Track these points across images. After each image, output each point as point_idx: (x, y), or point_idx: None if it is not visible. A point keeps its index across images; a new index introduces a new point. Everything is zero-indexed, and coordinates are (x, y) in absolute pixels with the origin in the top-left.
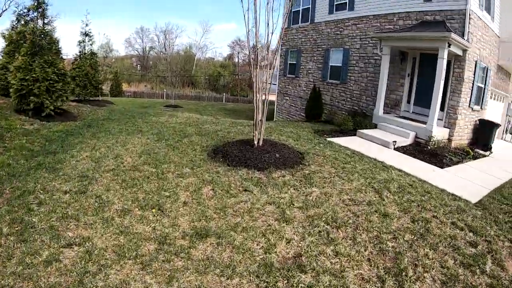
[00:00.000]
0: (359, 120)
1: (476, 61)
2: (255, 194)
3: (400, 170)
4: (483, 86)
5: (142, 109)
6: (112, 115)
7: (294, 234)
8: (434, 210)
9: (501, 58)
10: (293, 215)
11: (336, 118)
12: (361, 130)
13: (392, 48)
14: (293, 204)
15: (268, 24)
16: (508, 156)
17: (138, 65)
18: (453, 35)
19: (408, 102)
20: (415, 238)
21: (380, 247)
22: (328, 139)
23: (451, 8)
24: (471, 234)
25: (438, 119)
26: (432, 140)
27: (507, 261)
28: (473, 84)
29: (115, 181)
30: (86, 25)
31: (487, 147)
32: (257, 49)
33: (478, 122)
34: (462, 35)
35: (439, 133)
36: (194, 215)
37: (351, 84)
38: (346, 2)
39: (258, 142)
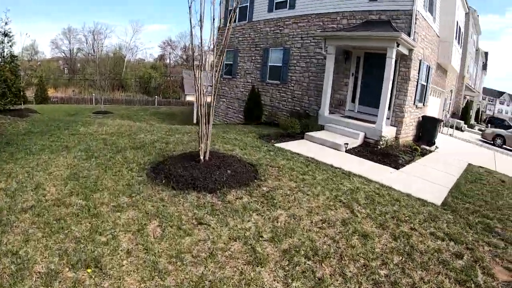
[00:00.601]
0: (306, 122)
1: (420, 60)
2: (213, 228)
3: (360, 176)
4: (425, 84)
5: (69, 117)
6: (35, 127)
7: (275, 281)
8: (410, 220)
9: (440, 56)
10: (266, 253)
11: (277, 119)
12: (309, 133)
13: (336, 47)
14: (262, 236)
15: (214, 20)
16: (451, 150)
17: (66, 68)
18: (403, 35)
19: (353, 101)
20: (404, 259)
21: (373, 279)
22: (277, 144)
23: (398, 8)
24: (452, 243)
25: (387, 118)
26: (383, 140)
27: (493, 268)
28: (417, 82)
29: (36, 225)
30: (6, 23)
31: (432, 142)
32: (202, 47)
33: (421, 118)
34: (408, 35)
35: (388, 132)
36: (144, 270)
37: (292, 84)
38: (286, 1)
39: (204, 157)
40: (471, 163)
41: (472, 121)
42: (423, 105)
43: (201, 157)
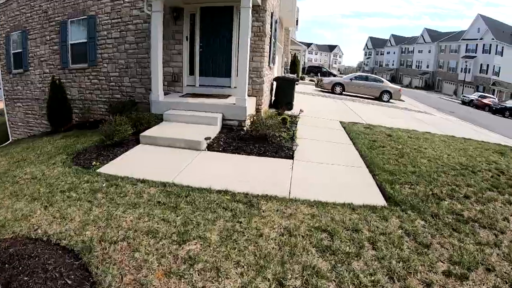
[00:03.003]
0: (137, 116)
1: (272, 13)
2: None
3: (268, 198)
4: (274, 40)
5: None
6: None
7: None
8: (384, 245)
9: (282, 9)
10: None
11: (94, 117)
12: (147, 132)
13: (164, 2)
14: None
15: None
16: (308, 108)
17: None
18: None
19: (192, 73)
20: None
21: None
22: (103, 169)
23: None
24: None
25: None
26: (252, 118)
27: None
28: (270, 39)
29: None
30: None
31: (291, 105)
32: None
33: (274, 81)
34: None
35: (250, 106)
36: None
37: (105, 65)
38: None
39: None
40: (341, 121)
41: (301, 74)
42: (274, 64)
43: None
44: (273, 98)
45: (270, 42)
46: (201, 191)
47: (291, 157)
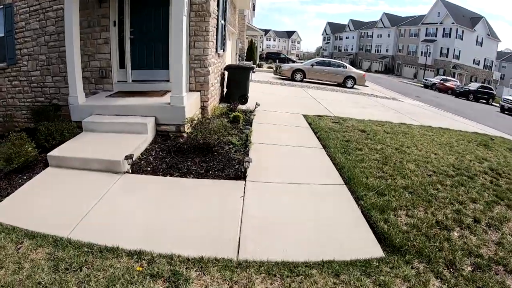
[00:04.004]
0: (49, 128)
1: None
2: None
3: (204, 265)
4: (223, 22)
5: None
6: None
7: None
8: None
9: None
10: None
11: (19, 124)
12: (55, 152)
13: None
14: None
15: None
16: (266, 100)
17: None
18: None
19: (123, 67)
20: None
21: None
22: None
23: None
24: None
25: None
26: (192, 121)
27: None
28: (217, 20)
29: None
30: None
31: (245, 98)
32: None
33: (225, 70)
34: None
35: (192, 105)
36: None
37: (25, 63)
38: None
39: None
40: (305, 114)
41: (258, 61)
42: (224, 51)
43: None
44: (225, 90)
45: (217, 24)
46: (104, 254)
47: (243, 176)
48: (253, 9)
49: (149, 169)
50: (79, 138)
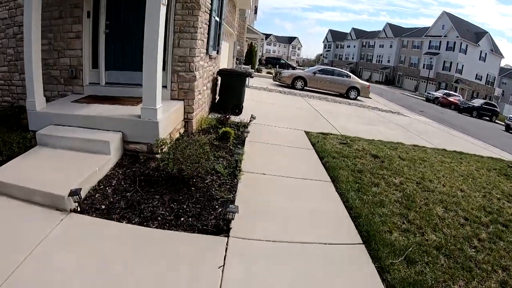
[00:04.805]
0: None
1: None
2: None
3: None
4: (219, 19)
5: None
6: None
7: None
8: None
9: None
10: None
11: None
12: None
13: None
14: None
15: None
16: (263, 110)
17: None
18: None
19: (96, 66)
20: None
21: None
22: None
23: None
24: None
25: (162, 86)
26: (162, 142)
27: None
28: (210, 15)
29: None
30: None
31: (240, 109)
32: None
33: (218, 75)
34: None
35: (169, 119)
36: None
37: None
38: None
39: None
40: (308, 131)
41: (257, 65)
42: (217, 53)
43: None
44: (217, 97)
45: (210, 20)
46: None
47: (225, 229)
48: (255, 12)
49: (103, 207)
50: (29, 156)
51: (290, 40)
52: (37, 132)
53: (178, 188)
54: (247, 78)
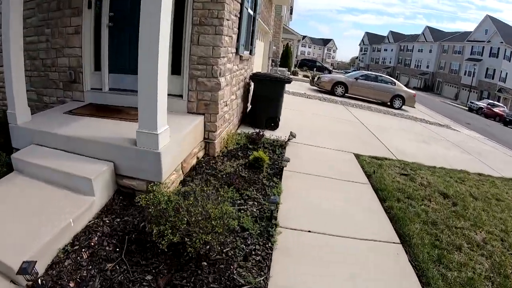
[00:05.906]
0: None
1: None
2: None
3: None
4: (252, 12)
5: None
6: None
7: None
8: None
9: None
10: None
11: None
12: None
13: None
14: None
15: None
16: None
17: None
18: None
19: (98, 68)
20: None
21: None
22: None
23: None
24: None
25: (174, 95)
26: (164, 185)
27: None
28: (242, 5)
29: None
30: None
31: (277, 122)
32: None
33: (251, 81)
34: None
35: (182, 142)
36: None
37: None
38: None
39: None
40: (357, 154)
41: (293, 68)
42: (251, 53)
43: None
44: (249, 105)
45: (241, 11)
46: None
47: None
48: (291, 13)
49: (71, 285)
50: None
51: (325, 42)
52: (12, 156)
53: (183, 263)
54: (285, 84)
